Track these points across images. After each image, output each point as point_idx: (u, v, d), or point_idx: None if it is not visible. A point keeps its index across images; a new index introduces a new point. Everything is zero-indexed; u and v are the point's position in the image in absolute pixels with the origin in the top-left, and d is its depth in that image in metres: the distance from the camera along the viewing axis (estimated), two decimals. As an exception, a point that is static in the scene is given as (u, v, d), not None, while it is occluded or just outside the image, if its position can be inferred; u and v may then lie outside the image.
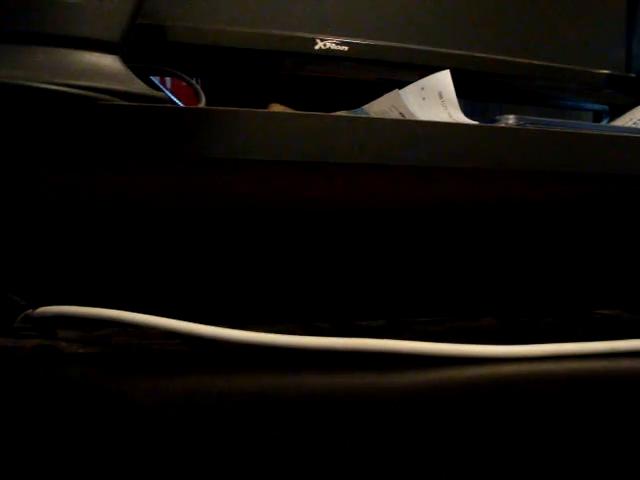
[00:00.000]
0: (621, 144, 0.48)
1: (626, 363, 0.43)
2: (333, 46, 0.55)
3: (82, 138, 0.39)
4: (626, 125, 0.60)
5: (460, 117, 0.52)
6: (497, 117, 0.49)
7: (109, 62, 0.42)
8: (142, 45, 0.47)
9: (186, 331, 0.41)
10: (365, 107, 0.52)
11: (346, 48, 0.56)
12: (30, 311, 0.45)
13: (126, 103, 0.40)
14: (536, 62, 0.62)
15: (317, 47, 0.55)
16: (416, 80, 0.53)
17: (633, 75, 0.66)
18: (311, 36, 0.55)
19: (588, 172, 0.49)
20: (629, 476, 0.27)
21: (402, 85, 0.53)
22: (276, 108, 0.55)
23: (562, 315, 0.60)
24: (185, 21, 0.52)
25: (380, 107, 0.51)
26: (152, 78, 0.54)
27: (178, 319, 0.42)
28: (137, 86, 0.42)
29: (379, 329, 0.53)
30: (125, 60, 0.43)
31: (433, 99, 0.52)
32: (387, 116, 0.51)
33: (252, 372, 0.39)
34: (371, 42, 0.57)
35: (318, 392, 0.36)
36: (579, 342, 0.43)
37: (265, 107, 0.55)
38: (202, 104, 0.48)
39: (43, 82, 0.38)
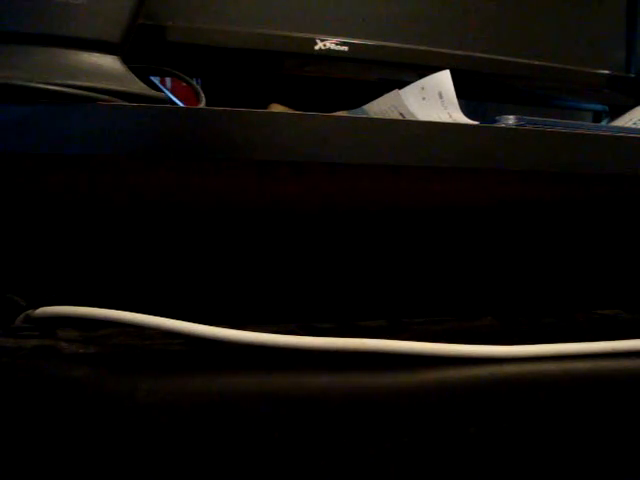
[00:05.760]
0: (621, 144, 0.48)
1: (626, 363, 0.43)
2: (333, 46, 0.55)
3: (82, 138, 0.38)
4: (626, 125, 0.60)
5: (460, 117, 0.52)
6: (497, 117, 0.49)
7: (109, 62, 0.42)
8: (142, 45, 0.47)
9: (186, 331, 0.41)
10: (365, 107, 0.53)
11: (346, 48, 0.56)
12: (30, 311, 0.45)
13: (126, 103, 0.40)
14: (536, 62, 0.62)
15: (317, 47, 0.55)
16: (416, 80, 0.53)
17: (633, 75, 0.66)
18: (311, 36, 0.55)
19: (588, 172, 0.49)
20: (629, 476, 0.27)
21: (402, 85, 0.53)
22: (276, 108, 0.55)
23: (562, 315, 0.60)
24: (185, 21, 0.52)
25: (380, 107, 0.51)
26: (152, 78, 0.54)
27: (178, 319, 0.42)
28: (137, 86, 0.42)
29: (379, 329, 0.53)
30: (125, 60, 0.43)
31: (433, 99, 0.52)
32: (387, 116, 0.51)
33: (252, 372, 0.39)
34: (371, 42, 0.57)
35: (318, 392, 0.36)
36: (579, 342, 0.43)
37: (265, 107, 0.55)
38: (202, 104, 0.48)
39: (43, 82, 0.38)
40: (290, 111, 0.53)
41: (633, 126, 0.60)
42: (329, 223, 0.58)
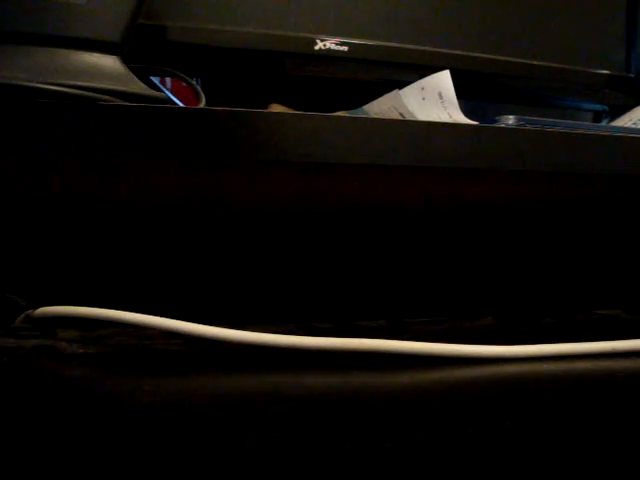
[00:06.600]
0: (621, 144, 0.48)
1: (626, 363, 0.43)
2: (333, 46, 0.55)
3: (82, 138, 0.39)
4: (626, 125, 0.60)
5: (460, 117, 0.52)
6: (497, 117, 0.49)
7: (109, 62, 0.42)
8: (142, 45, 0.47)
9: (186, 331, 0.41)
10: (365, 107, 0.52)
11: (346, 48, 0.56)
12: (30, 311, 0.45)
13: (126, 103, 0.40)
14: (536, 62, 0.62)
15: (317, 47, 0.55)
16: (416, 80, 0.53)
17: (633, 75, 0.66)
18: (311, 36, 0.55)
19: (588, 172, 0.49)
20: (629, 476, 0.27)
21: (402, 85, 0.53)
22: (276, 108, 0.55)
23: (562, 315, 0.60)
24: (185, 21, 0.52)
25: (380, 107, 0.51)
26: (152, 78, 0.54)
27: (178, 319, 0.42)
28: (137, 86, 0.42)
29: (379, 329, 0.53)
30: (125, 60, 0.43)
31: (433, 99, 0.52)
32: (387, 116, 0.51)
33: (252, 372, 0.39)
34: (371, 42, 0.57)
35: (318, 392, 0.36)
36: (579, 342, 0.43)
37: (265, 107, 0.55)
38: (202, 104, 0.48)
39: (43, 82, 0.38)
40: (290, 111, 0.53)
41: (633, 126, 0.60)
42: (329, 223, 0.58)
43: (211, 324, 0.42)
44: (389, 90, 0.51)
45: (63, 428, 0.29)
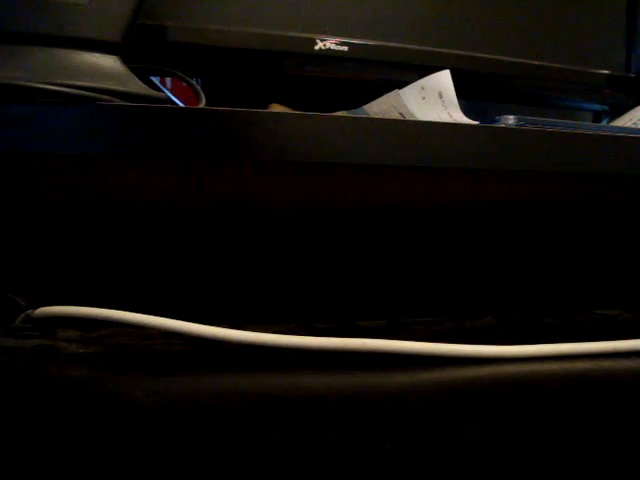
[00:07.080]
0: (621, 144, 0.48)
1: (626, 363, 0.43)
2: (333, 46, 0.55)
3: (82, 138, 0.38)
4: (626, 125, 0.60)
5: (460, 117, 0.52)
6: (497, 117, 0.49)
7: (109, 62, 0.42)
8: (142, 45, 0.47)
9: (186, 331, 0.41)
10: (365, 107, 0.53)
11: (346, 48, 0.56)
12: (30, 311, 0.45)
13: (126, 103, 0.40)
14: (536, 62, 0.62)
15: (317, 47, 0.55)
16: (416, 80, 0.53)
17: (633, 75, 0.66)
18: (311, 36, 0.55)
19: (588, 172, 0.49)
20: (629, 476, 0.27)
21: (402, 85, 0.53)
22: (276, 108, 0.55)
23: (562, 315, 0.60)
24: (185, 21, 0.52)
25: (380, 107, 0.51)
26: (152, 78, 0.54)
27: (178, 319, 0.42)
28: (137, 86, 0.42)
29: (379, 329, 0.53)
30: (125, 60, 0.43)
31: (433, 99, 0.52)
32: (387, 116, 0.51)
33: (252, 372, 0.39)
34: (371, 42, 0.57)
35: (318, 392, 0.36)
36: (579, 342, 0.43)
37: (265, 107, 0.55)
38: (202, 104, 0.48)
39: (43, 82, 0.38)
40: (290, 111, 0.53)
41: (633, 126, 0.60)
42: (329, 223, 0.58)
43: (211, 324, 0.42)
44: (389, 90, 0.51)
45: (63, 428, 0.29)
